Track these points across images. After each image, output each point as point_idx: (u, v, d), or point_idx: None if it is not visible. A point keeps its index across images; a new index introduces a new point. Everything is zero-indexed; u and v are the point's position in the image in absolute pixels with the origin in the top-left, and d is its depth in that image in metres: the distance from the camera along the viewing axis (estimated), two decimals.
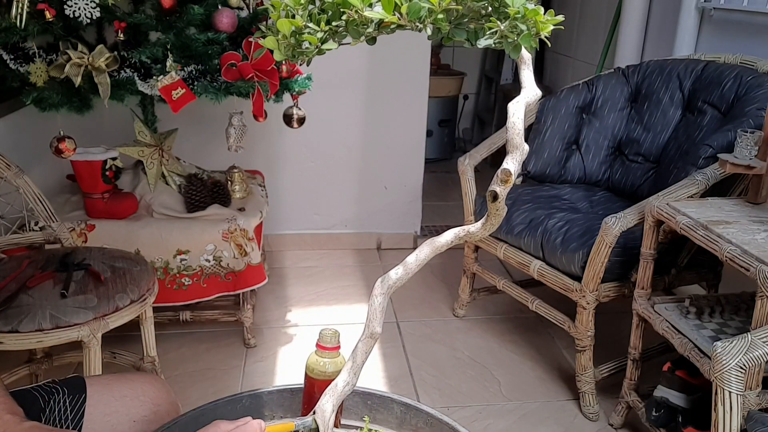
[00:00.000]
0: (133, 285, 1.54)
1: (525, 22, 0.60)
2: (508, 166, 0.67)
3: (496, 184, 0.68)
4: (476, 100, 4.82)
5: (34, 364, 1.82)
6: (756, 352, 1.16)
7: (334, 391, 0.77)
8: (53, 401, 0.94)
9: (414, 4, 0.59)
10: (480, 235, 0.74)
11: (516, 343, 2.28)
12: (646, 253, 1.65)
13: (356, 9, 0.60)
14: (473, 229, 0.75)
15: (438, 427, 0.92)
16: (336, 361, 0.88)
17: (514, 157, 0.68)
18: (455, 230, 0.76)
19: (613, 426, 1.84)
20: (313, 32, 0.64)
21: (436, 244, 0.76)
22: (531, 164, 2.34)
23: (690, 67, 2.13)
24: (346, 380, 0.78)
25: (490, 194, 0.69)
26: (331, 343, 0.88)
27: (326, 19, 0.64)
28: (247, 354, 2.17)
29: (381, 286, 0.75)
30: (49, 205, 1.75)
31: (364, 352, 0.77)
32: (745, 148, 1.54)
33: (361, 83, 2.79)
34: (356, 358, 0.77)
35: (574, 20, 3.79)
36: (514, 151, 0.68)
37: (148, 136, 2.09)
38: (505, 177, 0.67)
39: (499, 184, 0.68)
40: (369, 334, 0.76)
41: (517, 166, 0.67)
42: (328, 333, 0.88)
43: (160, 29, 1.86)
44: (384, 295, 0.75)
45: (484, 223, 0.74)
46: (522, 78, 0.71)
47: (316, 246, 3.01)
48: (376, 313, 0.76)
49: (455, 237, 0.75)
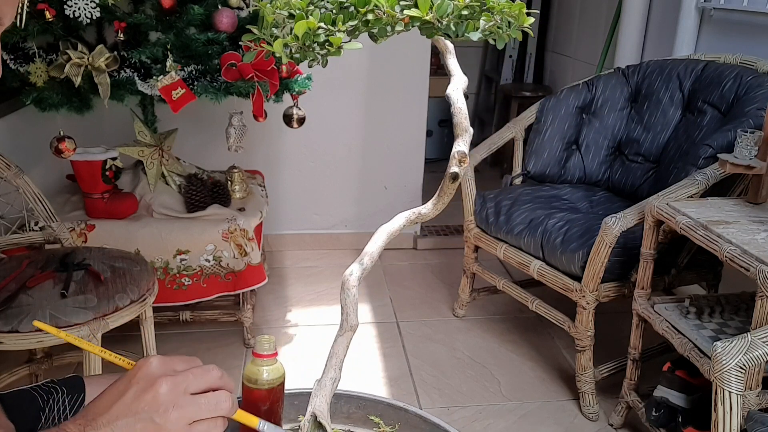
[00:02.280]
0: (133, 285, 1.54)
1: (510, 16, 0.66)
2: (462, 148, 0.73)
3: (455, 166, 0.73)
4: (476, 100, 4.81)
5: (34, 364, 1.82)
6: (756, 352, 1.16)
7: (324, 389, 0.77)
8: (52, 401, 0.93)
9: (443, 2, 0.64)
10: (431, 215, 0.77)
11: (516, 343, 2.28)
12: (646, 253, 1.65)
13: (387, 9, 0.62)
14: (424, 210, 0.78)
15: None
16: (274, 369, 0.85)
17: (465, 139, 0.74)
18: (406, 214, 0.79)
19: (613, 426, 1.84)
20: (330, 33, 0.64)
21: (390, 229, 0.79)
22: (531, 164, 2.34)
23: (690, 67, 2.13)
24: (333, 377, 0.78)
25: (450, 175, 0.73)
26: (269, 350, 0.85)
27: (342, 19, 0.64)
28: (247, 354, 2.17)
29: (351, 279, 0.77)
30: (49, 205, 1.75)
31: (345, 346, 0.78)
32: (745, 148, 1.54)
33: (361, 83, 2.79)
34: (338, 353, 0.77)
35: (574, 20, 3.79)
36: (463, 134, 0.74)
37: (148, 136, 2.09)
38: (461, 158, 0.73)
39: (458, 165, 0.73)
40: (348, 327, 0.78)
41: (467, 147, 0.74)
42: (265, 340, 0.85)
43: (160, 29, 1.86)
44: (356, 287, 0.77)
45: (435, 203, 0.77)
46: (449, 66, 0.76)
47: (316, 246, 3.01)
48: (352, 307, 0.77)
49: (407, 220, 0.79)
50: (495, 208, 2.14)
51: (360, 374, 2.07)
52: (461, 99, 0.75)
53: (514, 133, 2.34)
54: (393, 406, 0.97)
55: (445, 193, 0.76)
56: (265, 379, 0.85)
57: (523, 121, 2.37)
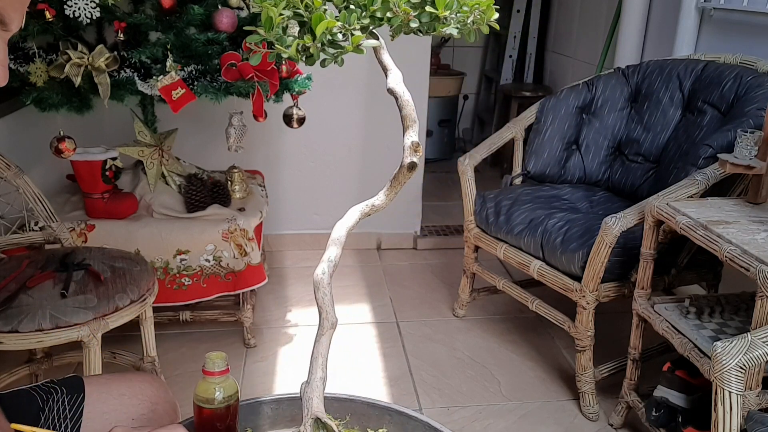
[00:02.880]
0: (133, 285, 1.54)
1: (476, 11, 0.71)
2: (415, 138, 0.77)
3: (411, 156, 0.77)
4: (476, 100, 4.82)
5: (34, 364, 1.82)
6: (756, 352, 1.16)
7: (317, 389, 0.77)
8: (52, 401, 0.94)
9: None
10: (384, 206, 0.80)
11: (516, 343, 2.28)
12: (646, 253, 1.65)
13: (404, 8, 0.66)
14: (378, 202, 0.81)
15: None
16: (226, 386, 0.83)
17: (415, 129, 0.78)
18: (359, 207, 0.82)
19: (613, 426, 1.84)
20: (348, 31, 0.65)
21: (348, 223, 0.81)
22: (531, 164, 2.34)
23: (690, 67, 2.13)
24: (321, 376, 0.78)
25: (408, 165, 0.77)
26: (219, 367, 0.82)
27: (356, 18, 0.65)
28: (247, 354, 2.16)
29: (324, 278, 0.78)
30: (49, 205, 1.75)
31: (328, 345, 0.79)
32: (745, 148, 1.54)
33: (361, 83, 2.79)
34: (323, 353, 0.78)
35: (574, 20, 3.79)
36: (413, 124, 0.78)
37: (148, 136, 2.09)
38: (415, 148, 0.77)
39: (414, 155, 0.77)
40: (329, 326, 0.79)
41: (418, 137, 0.78)
42: (215, 356, 0.82)
43: (160, 29, 1.86)
44: (329, 285, 0.79)
45: (388, 194, 0.80)
46: (385, 62, 0.78)
47: (316, 246, 3.01)
48: (329, 305, 0.79)
49: (362, 214, 0.81)
50: (495, 208, 2.14)
51: (360, 374, 2.07)
52: (406, 92, 0.78)
53: (514, 133, 2.34)
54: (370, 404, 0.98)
55: (399, 183, 0.79)
56: (219, 398, 0.82)
57: (523, 121, 2.37)
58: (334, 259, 0.78)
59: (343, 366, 2.10)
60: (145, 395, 1.01)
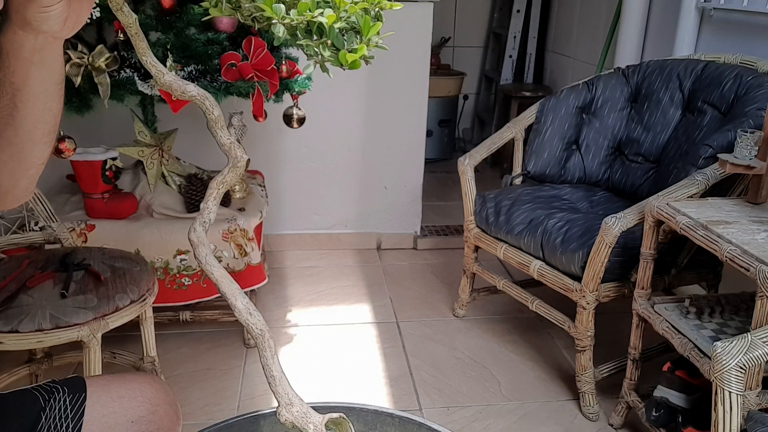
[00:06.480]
0: (133, 285, 1.54)
1: None
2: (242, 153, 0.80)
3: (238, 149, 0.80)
4: (476, 100, 4.82)
5: (34, 364, 1.82)
6: (756, 352, 1.16)
7: (302, 405, 0.75)
8: (53, 400, 0.93)
9: None
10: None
11: (516, 343, 2.28)
12: (646, 253, 1.65)
13: None
14: (229, 178, 0.80)
15: None
16: None
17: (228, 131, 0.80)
18: (212, 190, 0.80)
19: (613, 426, 1.84)
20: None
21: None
22: (531, 164, 2.34)
23: (690, 67, 2.13)
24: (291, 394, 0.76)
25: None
26: None
27: None
28: (247, 354, 2.16)
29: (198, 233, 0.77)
30: (49, 205, 1.75)
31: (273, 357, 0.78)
32: (745, 148, 1.54)
33: (361, 83, 2.79)
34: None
35: (574, 20, 3.79)
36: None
37: (148, 136, 2.09)
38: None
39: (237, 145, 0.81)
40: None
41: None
42: None
43: (160, 29, 1.86)
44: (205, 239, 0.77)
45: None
46: (155, 66, 0.75)
47: (316, 246, 3.01)
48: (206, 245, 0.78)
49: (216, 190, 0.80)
50: (495, 208, 2.14)
51: (360, 374, 2.07)
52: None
53: (514, 133, 2.34)
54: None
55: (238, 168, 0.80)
56: None
57: (523, 121, 2.37)
58: (207, 218, 0.77)
59: (343, 366, 2.10)
60: (145, 397, 1.01)
